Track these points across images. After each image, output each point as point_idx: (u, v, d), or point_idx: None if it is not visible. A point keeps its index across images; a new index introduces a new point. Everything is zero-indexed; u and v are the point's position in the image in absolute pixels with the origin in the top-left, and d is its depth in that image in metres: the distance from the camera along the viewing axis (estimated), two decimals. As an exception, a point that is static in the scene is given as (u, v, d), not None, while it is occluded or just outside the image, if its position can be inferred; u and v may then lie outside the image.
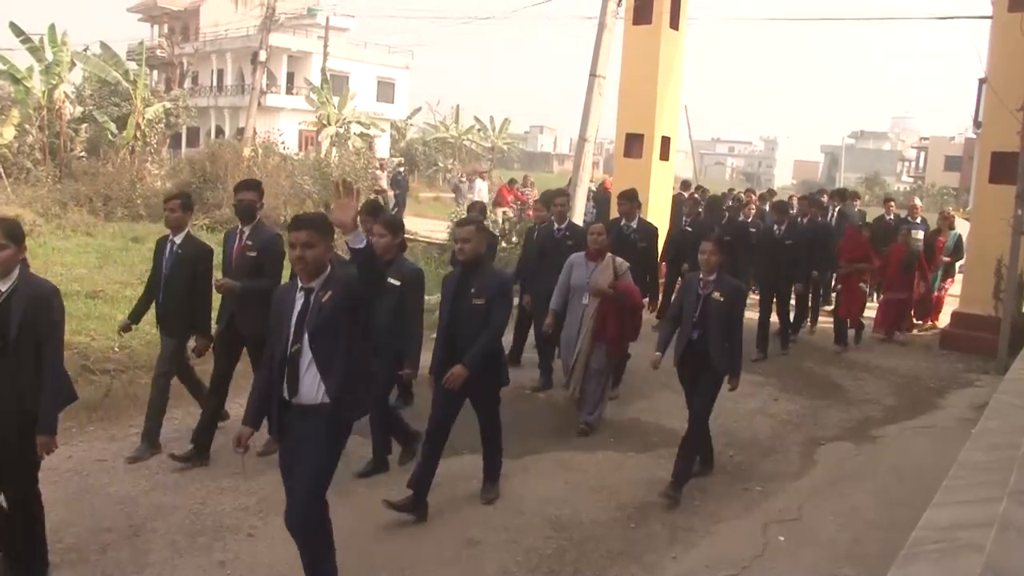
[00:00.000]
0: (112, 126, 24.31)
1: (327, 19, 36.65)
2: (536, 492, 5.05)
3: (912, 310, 10.49)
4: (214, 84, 42.66)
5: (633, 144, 12.20)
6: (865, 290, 10.21)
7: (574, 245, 6.89)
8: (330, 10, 38.46)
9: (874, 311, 10.69)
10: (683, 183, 16.52)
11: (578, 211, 11.47)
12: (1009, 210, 8.69)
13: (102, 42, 25.63)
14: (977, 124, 20.73)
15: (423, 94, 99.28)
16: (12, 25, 21.12)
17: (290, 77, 40.55)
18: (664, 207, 12.19)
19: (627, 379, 7.14)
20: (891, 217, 12.26)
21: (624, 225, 7.70)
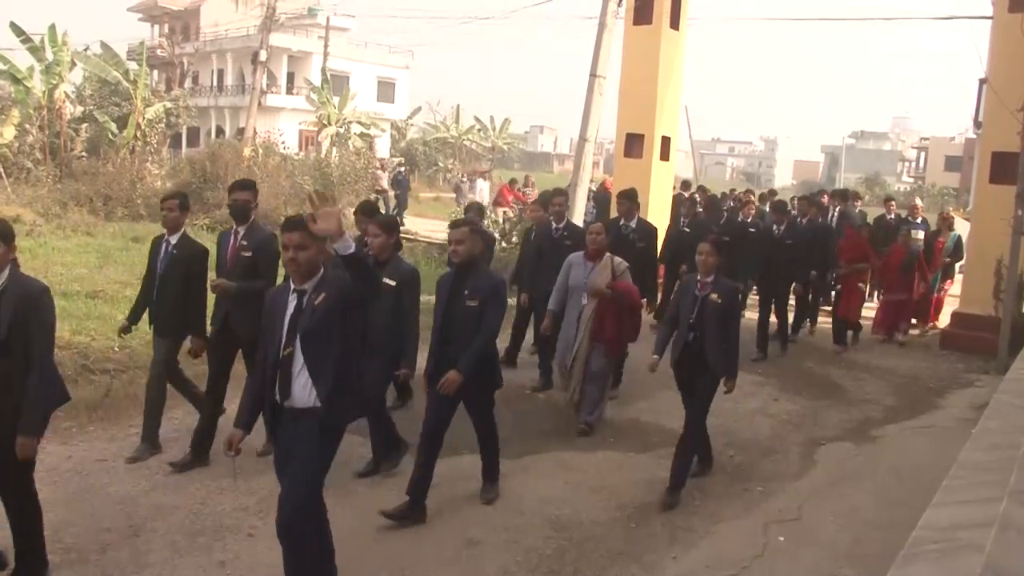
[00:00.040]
0: (112, 126, 24.31)
1: (327, 19, 36.68)
2: (536, 492, 5.04)
3: (912, 311, 10.48)
4: (214, 84, 42.68)
5: (633, 144, 12.21)
6: (864, 290, 10.21)
7: (572, 245, 6.88)
8: (330, 10, 38.50)
9: (873, 311, 10.69)
10: (683, 183, 16.52)
11: (578, 211, 11.47)
12: (1009, 210, 8.69)
13: (102, 42, 25.70)
14: (977, 124, 20.73)
15: (423, 94, 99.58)
16: (12, 25, 21.14)
17: (290, 77, 40.56)
18: (664, 207, 12.19)
19: (627, 379, 7.13)
20: (892, 217, 12.25)
21: (623, 225, 7.66)
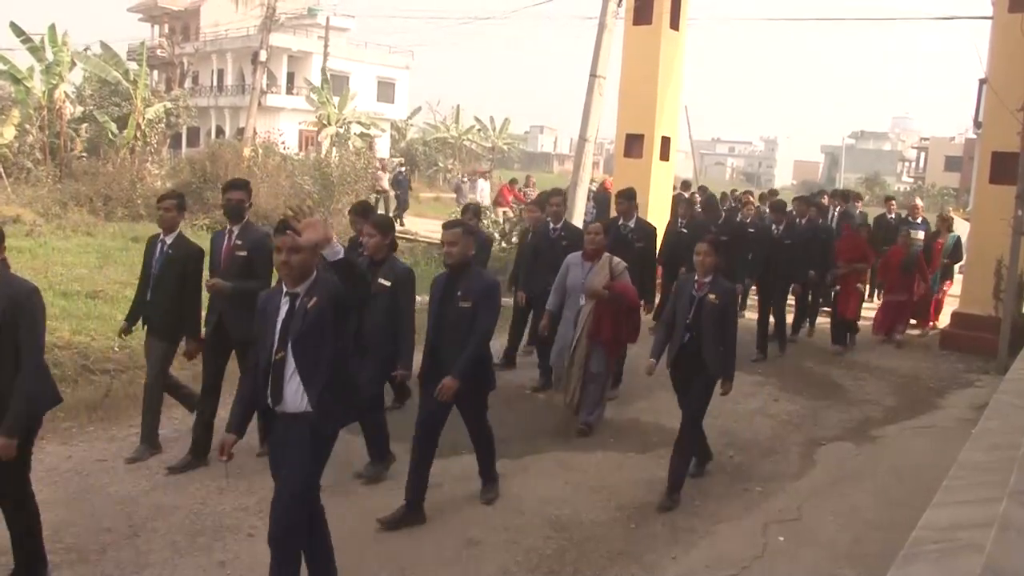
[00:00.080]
0: (112, 126, 24.31)
1: (327, 19, 36.68)
2: (536, 492, 5.05)
3: (911, 312, 10.47)
4: (214, 84, 42.69)
5: (633, 144, 12.21)
6: (863, 291, 10.20)
7: (569, 245, 6.88)
8: (330, 10, 38.51)
9: (872, 311, 10.69)
10: (683, 183, 16.51)
11: (578, 211, 11.48)
12: (1009, 210, 8.69)
13: (102, 42, 25.69)
14: (977, 124, 20.73)
15: (423, 94, 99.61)
16: (12, 25, 21.14)
17: (290, 77, 40.58)
18: (664, 207, 12.19)
19: (626, 379, 7.13)
20: (892, 216, 12.24)
21: (622, 225, 7.61)
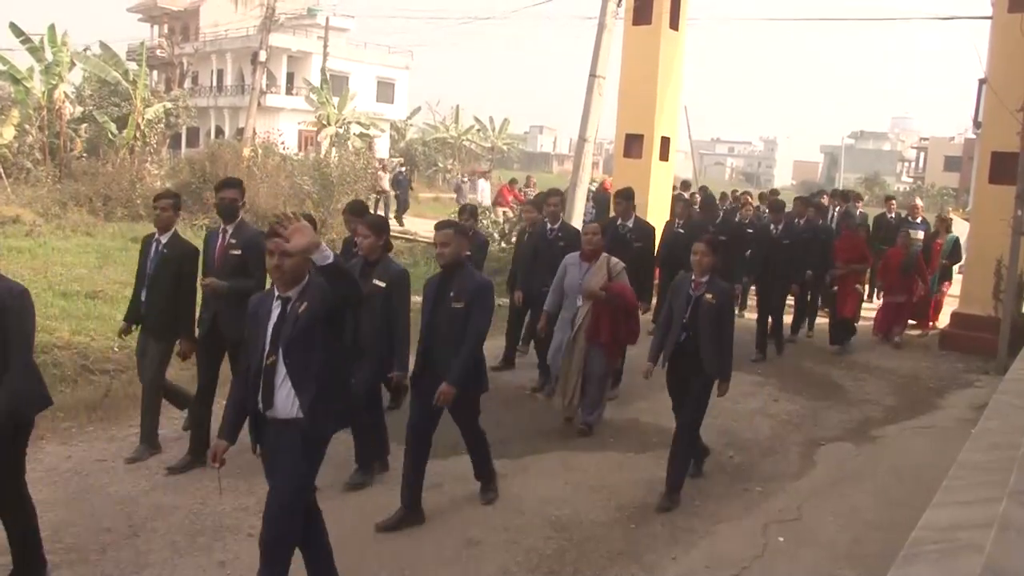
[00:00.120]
0: (112, 126, 24.32)
1: (327, 19, 36.68)
2: (536, 492, 5.05)
3: (909, 313, 10.47)
4: (214, 84, 42.70)
5: (633, 144, 12.21)
6: (861, 291, 10.19)
7: (566, 246, 6.87)
8: (330, 10, 38.53)
9: (872, 312, 10.69)
10: (683, 183, 16.52)
11: (578, 211, 11.48)
12: (1009, 210, 8.70)
13: (102, 42, 25.72)
14: (977, 124, 20.74)
15: (423, 94, 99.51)
16: (12, 25, 21.16)
17: (290, 77, 40.59)
18: (664, 208, 12.19)
19: (626, 379, 7.13)
20: (892, 216, 12.24)
21: (620, 225, 7.57)
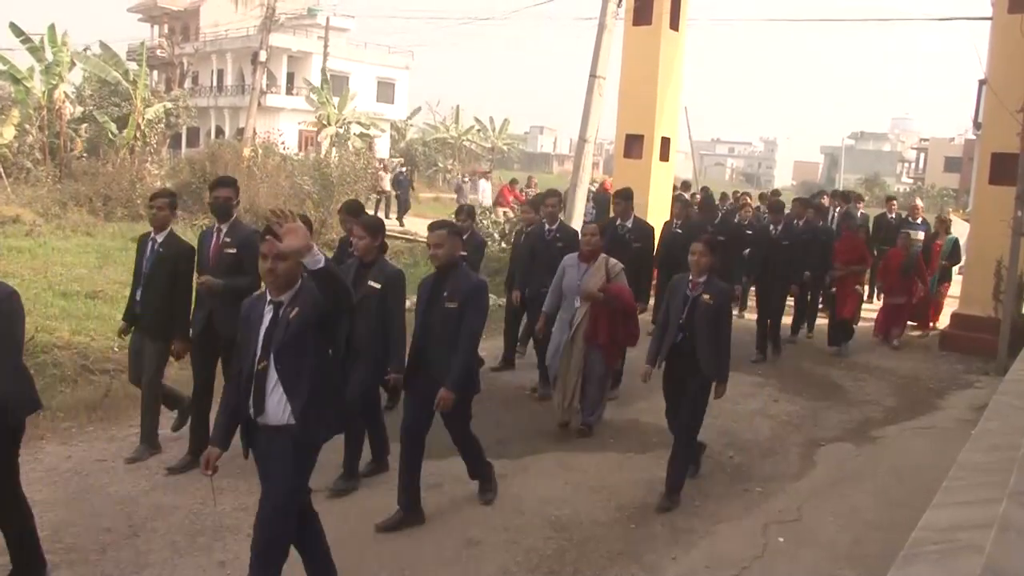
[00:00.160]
0: (112, 126, 24.33)
1: (327, 19, 36.72)
2: (536, 492, 5.05)
3: (909, 314, 10.47)
4: (214, 84, 42.72)
5: (633, 145, 12.22)
6: (861, 292, 10.19)
7: (564, 247, 6.86)
8: (330, 10, 38.56)
9: (873, 313, 10.68)
10: (683, 184, 16.53)
11: (578, 212, 11.48)
12: (1009, 211, 8.70)
13: (102, 42, 25.74)
14: (977, 125, 20.74)
15: (423, 94, 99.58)
16: (12, 25, 21.17)
17: (290, 77, 40.61)
18: (664, 208, 12.16)
19: (626, 380, 7.12)
20: (892, 216, 12.23)
21: (619, 225, 7.55)
